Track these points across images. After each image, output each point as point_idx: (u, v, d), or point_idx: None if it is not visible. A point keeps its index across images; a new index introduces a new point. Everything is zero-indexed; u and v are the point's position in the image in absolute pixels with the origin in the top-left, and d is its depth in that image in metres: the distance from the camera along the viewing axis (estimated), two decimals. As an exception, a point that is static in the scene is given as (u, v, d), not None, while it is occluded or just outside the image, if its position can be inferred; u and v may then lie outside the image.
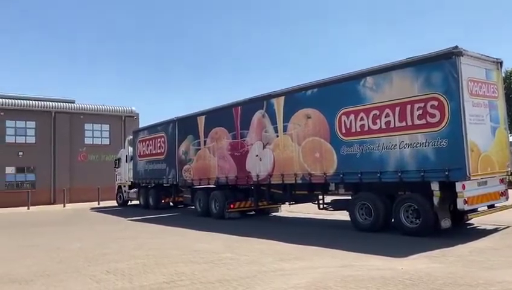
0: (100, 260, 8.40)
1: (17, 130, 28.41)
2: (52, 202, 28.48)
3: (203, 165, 16.46)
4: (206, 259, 8.12)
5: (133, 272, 7.24)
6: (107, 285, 6.42)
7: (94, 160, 30.36)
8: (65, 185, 28.37)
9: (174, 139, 18.67)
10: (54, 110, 29.34)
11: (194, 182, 17.20)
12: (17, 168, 28.31)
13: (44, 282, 6.72)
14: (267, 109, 13.51)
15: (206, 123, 16.44)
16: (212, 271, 7.09)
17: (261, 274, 6.77)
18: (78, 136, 30.16)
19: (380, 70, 10.51)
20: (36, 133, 28.84)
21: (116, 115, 32.00)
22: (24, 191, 26.74)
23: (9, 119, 28.02)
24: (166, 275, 6.93)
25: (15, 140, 28.19)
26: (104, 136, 31.48)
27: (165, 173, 19.41)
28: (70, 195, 28.08)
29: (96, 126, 31.18)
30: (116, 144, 30.55)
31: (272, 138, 13.31)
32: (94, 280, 6.79)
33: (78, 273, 7.27)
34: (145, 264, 7.87)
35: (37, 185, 28.46)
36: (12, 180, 28.14)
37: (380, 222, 10.64)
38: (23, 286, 6.52)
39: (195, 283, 6.36)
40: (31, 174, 28.70)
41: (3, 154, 27.32)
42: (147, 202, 21.48)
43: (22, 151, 28.03)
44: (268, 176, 13.46)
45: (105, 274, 7.15)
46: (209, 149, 16.15)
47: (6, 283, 6.78)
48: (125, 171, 24.44)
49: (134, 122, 31.94)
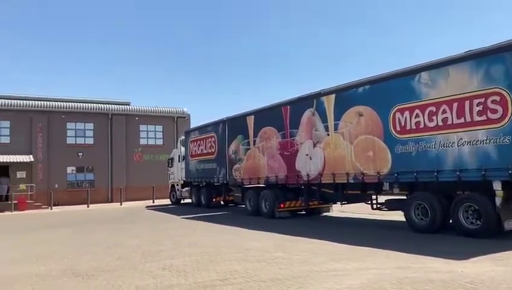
0: (156, 257, 8.67)
1: (77, 132, 29.97)
2: (110, 200, 29.81)
3: (253, 165, 16.57)
4: (258, 258, 8.16)
5: (188, 269, 7.41)
6: (163, 281, 6.61)
7: (148, 160, 31.46)
8: (121, 184, 29.63)
9: (224, 139, 18.94)
10: (111, 112, 30.70)
11: (243, 181, 17.36)
12: (77, 168, 29.87)
13: (105, 277, 7.03)
14: (317, 108, 13.37)
15: (255, 123, 16.53)
16: (264, 270, 7.11)
17: (313, 274, 6.71)
18: (134, 137, 31.37)
19: (436, 65, 10.08)
20: (94, 134, 30.32)
21: (169, 116, 32.98)
22: (84, 190, 28.18)
23: (70, 121, 29.62)
24: (219, 272, 7.04)
25: (75, 141, 29.77)
26: (157, 137, 32.55)
27: (216, 172, 19.73)
28: (127, 193, 29.26)
29: (150, 127, 32.30)
30: (169, 144, 31.47)
31: (322, 136, 13.15)
32: (151, 275, 7.01)
33: (136, 270, 7.53)
34: (199, 261, 8.03)
35: (96, 184, 29.90)
36: (73, 180, 29.73)
37: (437, 222, 10.23)
38: (86, 281, 6.84)
39: (248, 281, 6.41)
40: (90, 173, 30.19)
41: (65, 155, 28.94)
42: (199, 201, 21.96)
43: (81, 152, 29.56)
44: (318, 175, 13.31)
45: (161, 270, 7.37)
46: (259, 149, 16.22)
47: (70, 277, 7.15)
48: (177, 170, 25.12)
49: (186, 122, 32.75)
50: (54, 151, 28.59)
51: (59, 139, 28.94)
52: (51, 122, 28.75)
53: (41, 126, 28.34)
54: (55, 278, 7.11)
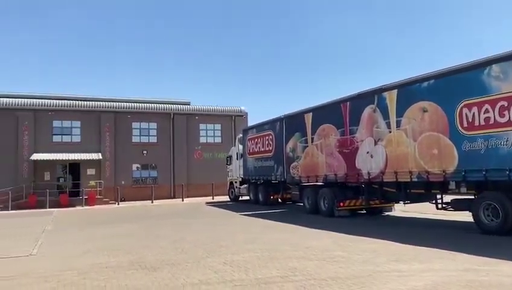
0: (217, 252, 8.88)
1: (142, 131, 31.36)
2: (172, 196, 30.91)
3: (311, 163, 16.46)
4: (318, 256, 8.11)
5: (248, 265, 7.53)
6: (224, 275, 6.77)
7: (208, 157, 32.26)
8: (183, 180, 30.62)
9: (281, 136, 18.97)
10: (173, 112, 31.81)
11: (301, 179, 17.29)
12: (142, 166, 31.26)
13: (169, 270, 7.32)
14: (378, 104, 13.02)
15: (313, 120, 16.40)
16: (324, 268, 7.06)
17: (375, 274, 6.56)
18: (194, 136, 32.31)
19: (508, 57, 9.45)
20: (158, 133, 31.57)
21: (227, 114, 33.60)
22: (148, 186, 29.44)
23: (135, 121, 31.06)
24: (279, 269, 7.08)
25: (140, 140, 31.17)
26: (216, 135, 33.28)
27: (273, 170, 19.83)
28: (188, 190, 30.20)
29: (209, 126, 33.11)
30: (227, 142, 32.05)
31: (384, 133, 12.79)
32: (213, 270, 7.20)
33: (198, 264, 7.77)
34: (259, 258, 8.12)
35: (159, 181, 31.12)
36: (138, 177, 31.16)
37: (508, 224, 9.62)
38: (152, 273, 7.16)
39: (308, 279, 6.40)
40: (154, 170, 31.48)
41: (130, 153, 30.40)
42: (257, 198, 22.18)
43: (145, 150, 30.90)
44: (380, 173, 12.96)
45: (223, 265, 7.55)
46: (317, 146, 16.08)
47: (137, 269, 7.52)
48: (236, 168, 25.52)
49: (244, 121, 33.19)
50: (120, 150, 30.14)
51: (125, 138, 30.45)
52: (118, 122, 30.32)
53: (109, 126, 29.95)
54: (124, 269, 7.51)
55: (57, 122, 29.10)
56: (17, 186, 26.70)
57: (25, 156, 27.64)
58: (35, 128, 28.29)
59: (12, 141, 27.75)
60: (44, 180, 27.95)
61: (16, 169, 27.57)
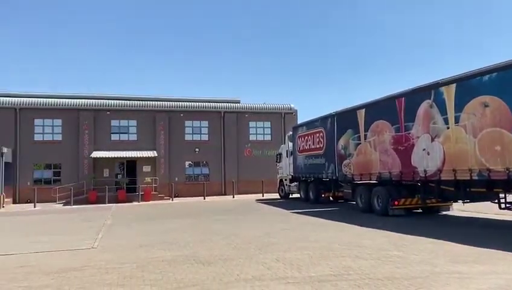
0: (269, 249, 8.92)
1: (194, 129, 32.11)
2: (223, 193, 31.41)
3: (364, 160, 16.10)
4: (373, 255, 7.93)
5: (300, 262, 7.50)
6: (277, 272, 6.78)
7: (258, 155, 32.46)
8: (233, 177, 31.04)
9: (332, 133, 18.70)
10: (223, 110, 32.31)
11: (354, 177, 16.96)
12: (194, 163, 32.00)
13: (223, 265, 7.44)
14: (435, 99, 12.49)
15: (366, 116, 16.03)
16: (379, 268, 6.89)
17: (433, 275, 6.32)
18: (244, 133, 32.64)
19: None
20: (209, 131, 32.18)
21: (277, 112, 33.63)
22: (200, 183, 30.11)
23: (188, 119, 31.85)
24: (332, 267, 7.00)
25: (192, 138, 31.94)
26: (266, 133, 33.42)
27: (324, 168, 19.59)
28: (238, 187, 30.57)
29: (259, 123, 33.30)
30: (277, 139, 32.10)
31: (441, 130, 12.26)
32: (265, 267, 7.24)
33: (251, 260, 7.83)
34: (311, 256, 8.07)
35: (210, 178, 31.73)
36: (191, 173, 31.93)
37: None
38: (207, 267, 7.31)
39: (363, 278, 6.28)
40: (205, 167, 32.13)
41: (183, 151, 31.23)
42: (307, 196, 22.03)
43: (197, 148, 31.61)
44: (437, 171, 12.44)
45: (275, 262, 7.57)
46: (370, 143, 15.71)
47: (192, 263, 7.70)
48: (286, 165, 25.48)
49: (293, 118, 33.08)
50: (174, 147, 31.03)
51: (178, 136, 31.33)
52: (171, 120, 31.24)
53: (163, 124, 30.92)
54: (179, 263, 7.72)
55: (114, 122, 30.47)
56: (79, 183, 28.26)
57: (85, 154, 29.16)
58: (95, 127, 29.76)
59: (74, 139, 29.37)
60: (103, 176, 29.38)
61: (77, 166, 29.16)
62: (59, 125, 29.53)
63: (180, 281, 6.42)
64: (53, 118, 29.43)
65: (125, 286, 6.24)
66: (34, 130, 29.07)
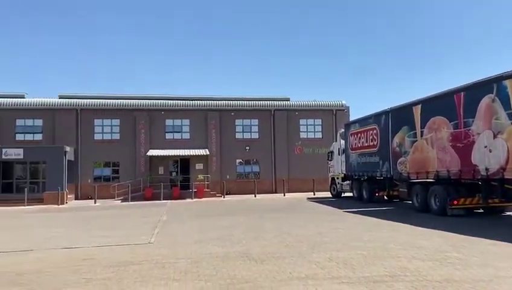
0: (321, 248, 8.82)
1: (244, 128, 32.39)
2: (273, 191, 31.46)
3: (420, 158, 15.52)
4: (430, 256, 7.63)
5: (354, 262, 7.35)
6: (331, 272, 6.70)
7: (308, 153, 32.21)
8: (284, 175, 31.02)
9: (387, 131, 18.19)
10: (273, 109, 32.34)
11: (410, 175, 16.40)
12: (245, 161, 32.30)
13: (275, 263, 7.45)
14: (497, 93, 11.78)
15: (422, 112, 15.43)
16: (438, 270, 6.62)
17: (497, 279, 5.99)
18: (294, 131, 32.49)
19: None
20: (259, 129, 32.34)
21: (328, 109, 33.17)
22: (251, 181, 30.35)
23: (238, 118, 32.20)
24: (388, 268, 6.81)
25: (242, 136, 32.26)
26: (316, 130, 33.06)
27: (378, 166, 19.10)
28: (288, 185, 30.49)
29: (310, 121, 32.99)
30: (328, 137, 31.68)
31: (504, 126, 11.53)
32: (318, 266, 7.16)
33: (303, 259, 7.79)
34: (365, 255, 7.89)
35: (261, 176, 31.89)
36: (241, 171, 32.26)
37: None
38: (259, 265, 7.36)
39: (420, 279, 6.06)
40: (256, 165, 32.34)
41: (234, 149, 31.62)
42: (361, 195, 21.57)
43: (248, 146, 31.88)
44: (500, 169, 11.73)
45: (328, 261, 7.47)
46: (427, 140, 15.11)
47: (244, 260, 7.77)
48: (337, 163, 25.10)
49: (345, 115, 32.50)
50: (225, 145, 31.50)
51: (229, 134, 31.76)
52: (222, 119, 31.72)
53: (215, 123, 31.47)
54: (232, 260, 7.82)
55: (168, 121, 31.41)
56: (136, 180, 29.41)
57: (142, 153, 30.29)
58: (150, 127, 30.83)
59: (131, 138, 30.59)
60: (158, 174, 30.38)
61: (134, 164, 30.35)
62: (117, 125, 30.88)
63: (233, 277, 6.50)
64: (111, 118, 30.82)
65: (181, 280, 6.41)
66: (94, 130, 30.57)
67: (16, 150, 26.29)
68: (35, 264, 7.98)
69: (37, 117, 29.99)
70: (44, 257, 8.75)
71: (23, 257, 8.86)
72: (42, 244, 10.37)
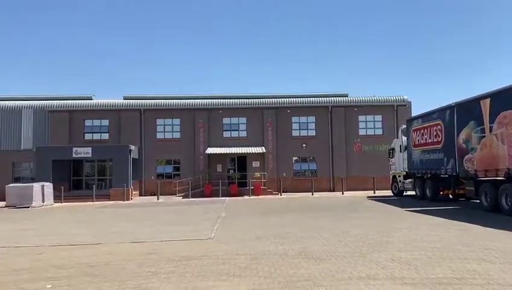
0: (383, 248, 8.59)
1: (301, 125, 32.20)
2: (331, 189, 31.04)
3: (489, 155, 14.62)
4: (502, 259, 7.18)
5: (418, 262, 7.09)
6: (392, 272, 6.50)
7: (368, 150, 31.42)
8: (342, 174, 30.50)
9: (452, 126, 17.34)
10: (330, 105, 31.87)
11: (477, 173, 15.51)
12: (301, 158, 32.12)
13: (335, 262, 7.35)
14: None
15: (491, 107, 14.52)
16: (510, 273, 6.22)
17: None
18: (353, 128, 31.81)
19: None
20: (316, 126, 32.01)
21: (388, 104, 32.13)
22: (308, 179, 30.17)
23: (294, 115, 32.07)
24: (455, 270, 6.49)
25: (299, 134, 32.09)
26: (376, 127, 32.14)
27: (443, 163, 18.27)
28: (347, 183, 29.93)
29: (369, 117, 32.13)
30: (389, 134, 30.70)
31: None
32: (379, 266, 6.98)
33: (364, 258, 7.62)
34: (430, 256, 7.59)
35: (318, 174, 31.57)
36: (298, 169, 32.11)
37: None
38: (318, 263, 7.29)
39: (491, 283, 5.72)
40: (313, 163, 32.05)
41: (290, 146, 31.54)
42: (423, 193, 20.74)
43: (305, 144, 31.67)
44: None
45: (390, 262, 7.26)
46: (497, 136, 14.21)
47: (303, 258, 7.74)
48: (399, 161, 24.31)
49: (407, 111, 31.32)
50: (281, 143, 31.52)
51: (285, 132, 31.73)
52: (279, 117, 31.77)
53: (271, 121, 31.58)
54: (291, 257, 7.82)
55: (226, 120, 31.99)
56: (195, 177, 30.25)
57: (201, 151, 31.09)
58: (209, 125, 31.56)
59: (191, 137, 31.49)
60: (216, 171, 31.04)
61: (194, 162, 31.23)
62: (178, 124, 31.93)
63: (293, 275, 6.50)
64: (172, 117, 31.91)
65: (241, 276, 6.51)
66: (156, 129, 31.82)
67: (85, 148, 28.07)
68: (105, 256, 8.46)
69: (104, 118, 31.74)
70: (112, 250, 9.25)
71: (94, 249, 9.42)
72: (111, 238, 10.97)
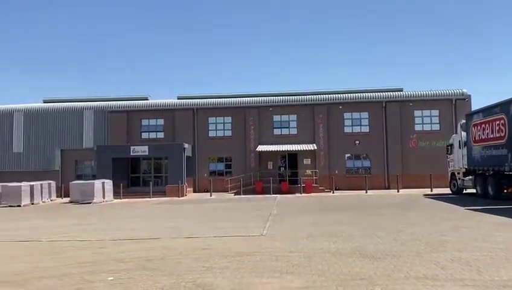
0: (441, 247, 8.27)
1: (353, 121, 31.54)
2: (386, 187, 30.17)
3: (560, 150, 13.62)
4: None
5: (480, 264, 6.77)
6: (453, 273, 6.25)
7: (424, 146, 30.24)
8: (397, 171, 29.55)
9: (516, 120, 16.32)
10: (384, 100, 30.94)
11: (546, 170, 14.51)
12: (354, 156, 31.47)
13: (391, 261, 7.17)
14: None
15: None
16: None
17: None
18: (408, 124, 30.70)
19: None
20: (369, 122, 31.23)
21: (446, 99, 30.70)
22: (361, 176, 29.49)
23: (346, 111, 31.46)
24: (522, 273, 6.14)
25: (351, 130, 31.44)
26: (433, 122, 30.81)
27: (507, 160, 17.26)
28: (402, 181, 28.98)
29: (425, 112, 30.85)
30: (447, 129, 29.40)
31: None
32: (438, 266, 6.73)
33: (421, 258, 7.38)
34: (493, 257, 7.22)
35: (372, 171, 30.80)
36: (351, 166, 31.48)
37: None
38: (373, 262, 7.15)
39: None
40: (366, 160, 31.32)
41: (342, 143, 30.99)
42: (485, 191, 19.69)
43: (358, 140, 31.00)
44: None
45: (449, 262, 6.98)
46: None
47: (357, 257, 7.60)
48: (458, 157, 23.24)
49: (466, 105, 29.76)
50: (333, 140, 31.05)
51: (337, 128, 31.20)
52: (330, 113, 31.28)
53: (322, 117, 31.18)
54: (344, 256, 7.72)
55: (276, 117, 31.98)
56: (246, 174, 30.54)
57: (251, 148, 31.34)
58: (259, 123, 31.72)
59: (242, 134, 31.82)
60: (267, 169, 31.14)
61: (245, 159, 31.52)
62: (229, 122, 32.34)
63: (347, 273, 6.42)
64: (224, 116, 32.39)
65: (294, 273, 6.52)
66: (209, 128, 32.43)
67: (142, 147, 29.24)
68: (161, 251, 8.78)
69: (159, 117, 32.79)
70: (168, 245, 9.57)
71: (151, 244, 9.80)
72: (167, 233, 11.36)
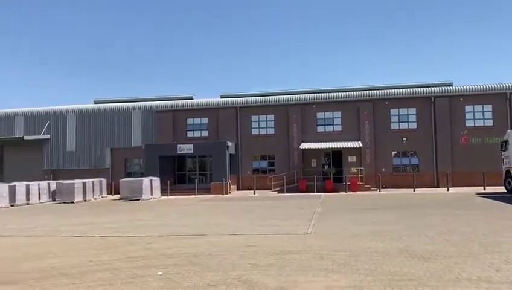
0: (496, 248, 7.89)
1: (400, 117, 30.65)
2: (435, 185, 29.13)
3: None
4: None
5: (539, 267, 6.39)
6: (509, 275, 5.95)
7: (476, 143, 28.93)
8: (447, 168, 28.49)
9: None
10: (433, 95, 29.86)
11: None
12: (401, 153, 30.59)
13: (441, 262, 6.92)
14: None
15: None
16: None
17: None
18: (458, 119, 29.49)
19: None
20: (417, 119, 30.24)
21: (499, 93, 29.19)
22: (409, 174, 28.63)
23: (393, 107, 30.62)
24: None
25: (398, 127, 30.56)
26: (486, 117, 29.39)
27: None
28: (453, 179, 27.90)
29: (477, 107, 29.47)
30: (501, 124, 28.01)
31: None
32: (492, 267, 6.44)
33: (474, 259, 7.07)
34: (554, 261, 6.79)
35: (420, 169, 29.83)
36: (398, 164, 30.63)
37: None
38: (422, 263, 6.91)
39: None
40: (414, 158, 30.36)
41: (389, 140, 30.20)
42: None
43: (405, 137, 30.10)
44: None
45: (505, 263, 6.66)
46: None
47: (406, 257, 7.37)
48: (513, 154, 22.05)
49: (522, 99, 28.20)
50: (379, 137, 30.33)
51: (383, 125, 30.44)
52: (376, 109, 30.57)
53: (367, 114, 30.53)
54: (392, 256, 7.53)
55: (320, 114, 31.66)
56: (290, 172, 30.46)
57: (295, 146, 31.20)
58: (302, 120, 31.51)
59: (285, 132, 31.75)
60: (311, 167, 30.92)
61: (288, 157, 31.44)
62: (272, 120, 32.37)
63: (395, 273, 6.26)
64: (266, 114, 32.45)
65: (340, 272, 6.43)
66: (251, 126, 32.60)
67: (188, 145, 29.88)
68: (207, 247, 8.93)
69: (204, 116, 33.35)
70: (214, 241, 9.72)
71: (198, 240, 9.99)
72: (212, 230, 11.54)
